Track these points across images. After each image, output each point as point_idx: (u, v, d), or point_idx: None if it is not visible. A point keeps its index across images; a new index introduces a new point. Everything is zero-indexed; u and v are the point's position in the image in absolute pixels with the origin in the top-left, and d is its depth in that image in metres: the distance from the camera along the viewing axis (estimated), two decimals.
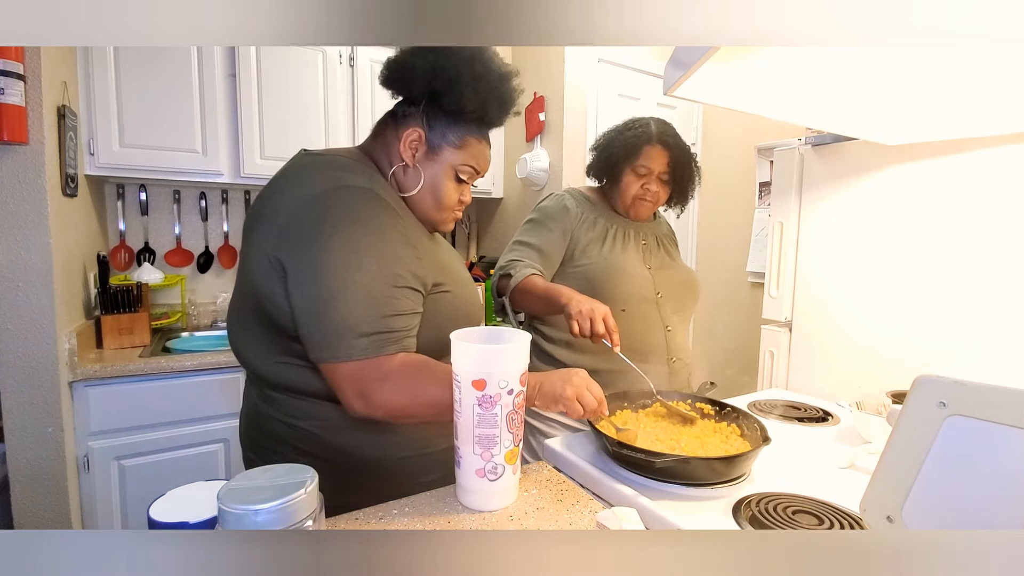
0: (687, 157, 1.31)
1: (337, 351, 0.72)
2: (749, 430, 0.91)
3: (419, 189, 0.85)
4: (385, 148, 0.86)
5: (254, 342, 0.83)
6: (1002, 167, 1.04)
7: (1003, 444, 0.41)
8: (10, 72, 1.27)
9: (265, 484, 0.47)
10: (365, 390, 0.73)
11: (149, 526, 0.52)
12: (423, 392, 0.74)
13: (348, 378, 0.73)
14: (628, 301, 1.25)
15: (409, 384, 0.74)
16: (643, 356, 1.24)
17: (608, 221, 1.32)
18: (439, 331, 0.81)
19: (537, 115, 2.28)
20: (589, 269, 1.26)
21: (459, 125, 0.85)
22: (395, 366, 0.74)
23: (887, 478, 0.48)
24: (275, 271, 0.75)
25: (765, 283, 1.46)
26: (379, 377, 0.73)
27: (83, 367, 1.52)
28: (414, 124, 0.84)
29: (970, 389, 0.43)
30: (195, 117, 1.86)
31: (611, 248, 1.29)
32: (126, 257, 2.07)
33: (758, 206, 2.41)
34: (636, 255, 1.31)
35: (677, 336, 1.29)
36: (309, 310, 0.73)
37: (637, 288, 1.26)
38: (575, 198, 1.34)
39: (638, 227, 1.35)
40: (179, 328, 2.09)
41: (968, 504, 0.43)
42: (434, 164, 0.85)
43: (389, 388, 0.73)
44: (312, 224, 0.74)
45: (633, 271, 1.27)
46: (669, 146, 1.27)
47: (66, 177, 1.52)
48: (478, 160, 0.88)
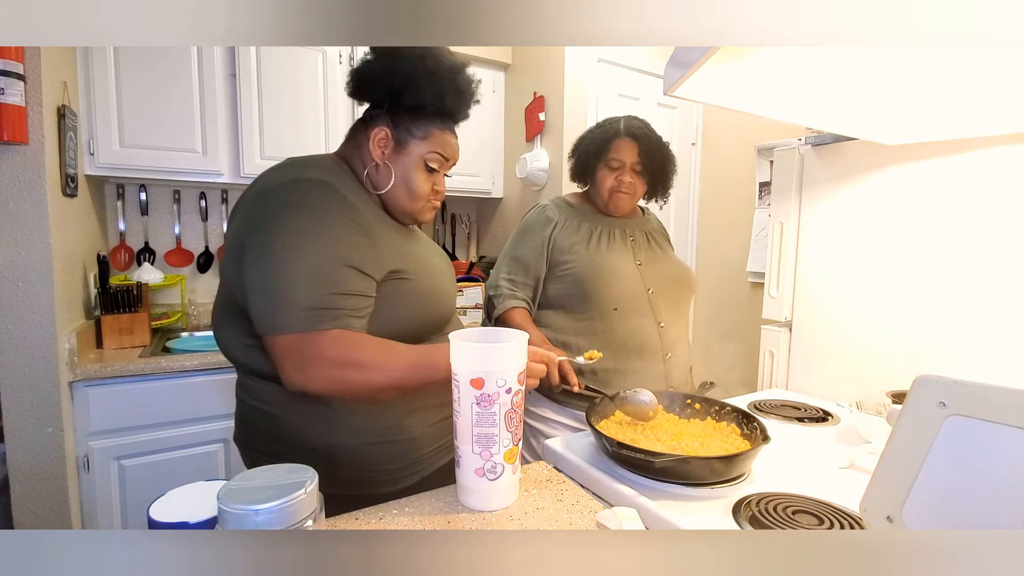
0: (658, 147, 1.32)
1: (276, 324, 0.75)
2: (749, 430, 0.91)
3: (392, 184, 0.90)
4: (357, 150, 0.92)
5: (227, 327, 0.87)
6: (1002, 167, 1.04)
7: (1003, 444, 0.41)
8: (10, 72, 1.27)
9: (265, 484, 0.47)
10: (300, 362, 0.75)
11: (149, 526, 0.52)
12: (357, 366, 0.76)
13: (285, 351, 0.75)
14: (619, 300, 1.26)
15: (343, 359, 0.75)
16: (637, 354, 1.25)
17: (593, 223, 1.34)
18: (399, 318, 0.85)
19: (537, 115, 2.28)
20: (577, 271, 1.27)
21: (421, 119, 0.90)
22: (330, 340, 0.75)
23: (887, 478, 0.48)
24: (236, 256, 0.80)
25: (765, 283, 1.46)
26: (315, 350, 0.75)
27: (83, 367, 1.52)
28: (380, 124, 0.89)
29: (970, 389, 0.43)
30: (195, 117, 1.86)
31: (597, 248, 1.30)
32: (126, 257, 2.07)
33: (758, 206, 2.41)
34: (624, 253, 1.31)
35: (671, 332, 1.30)
36: (255, 287, 0.77)
37: (626, 286, 1.27)
38: (558, 206, 1.37)
39: (624, 224, 1.36)
40: (179, 328, 2.09)
41: (968, 504, 0.43)
42: (403, 157, 0.90)
43: (324, 361, 0.75)
44: (266, 210, 0.79)
45: (621, 269, 1.28)
46: (637, 137, 1.30)
47: (66, 177, 1.52)
48: (444, 148, 0.92)
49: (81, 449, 1.55)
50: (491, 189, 2.54)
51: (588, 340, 1.24)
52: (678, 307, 1.35)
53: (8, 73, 1.27)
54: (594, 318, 1.27)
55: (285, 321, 0.75)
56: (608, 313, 1.26)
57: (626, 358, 1.24)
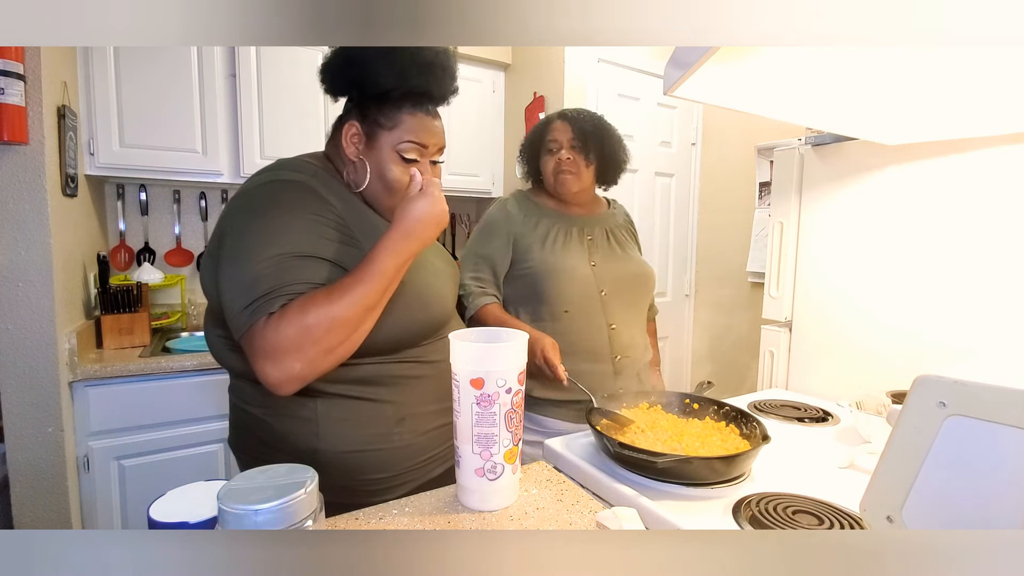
0: (593, 123, 1.31)
1: (241, 322, 0.71)
2: (748, 430, 0.91)
3: (368, 180, 0.86)
4: (337, 149, 0.89)
5: (213, 329, 0.86)
6: (1002, 167, 1.04)
7: (1003, 444, 0.41)
8: (10, 72, 1.27)
9: (265, 484, 0.47)
10: (266, 350, 0.69)
11: (149, 526, 0.52)
12: (316, 321, 0.69)
13: (258, 347, 0.70)
14: (570, 301, 1.25)
15: (303, 324, 0.69)
16: (587, 356, 1.25)
17: (551, 220, 1.32)
18: (392, 318, 0.81)
19: (537, 115, 2.28)
20: (530, 272, 1.27)
21: (387, 106, 0.84)
22: (286, 316, 0.70)
23: (887, 478, 0.48)
24: (213, 258, 0.79)
25: (765, 283, 1.46)
26: (273, 329, 0.69)
27: (83, 367, 1.52)
28: (351, 119, 0.87)
29: (970, 389, 0.43)
30: (195, 117, 1.86)
31: (552, 248, 1.28)
32: (126, 257, 2.07)
33: (758, 206, 2.42)
34: (579, 253, 1.29)
35: (623, 334, 1.28)
36: (223, 288, 0.75)
37: (578, 288, 1.26)
38: (518, 201, 1.36)
39: (584, 222, 1.34)
40: (179, 328, 2.09)
41: (968, 504, 0.43)
42: (375, 152, 0.86)
43: (292, 339, 0.69)
44: (239, 213, 0.78)
45: (574, 272, 1.26)
46: (569, 118, 1.31)
47: (66, 177, 1.52)
48: (419, 134, 0.85)
49: (81, 449, 1.55)
50: (491, 189, 2.54)
51: None
52: (633, 308, 1.33)
53: (8, 73, 1.27)
54: (546, 319, 1.26)
55: (247, 319, 0.71)
56: (560, 315, 1.25)
57: (576, 360, 1.22)
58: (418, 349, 0.88)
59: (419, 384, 0.88)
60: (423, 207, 0.79)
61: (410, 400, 0.86)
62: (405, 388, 0.86)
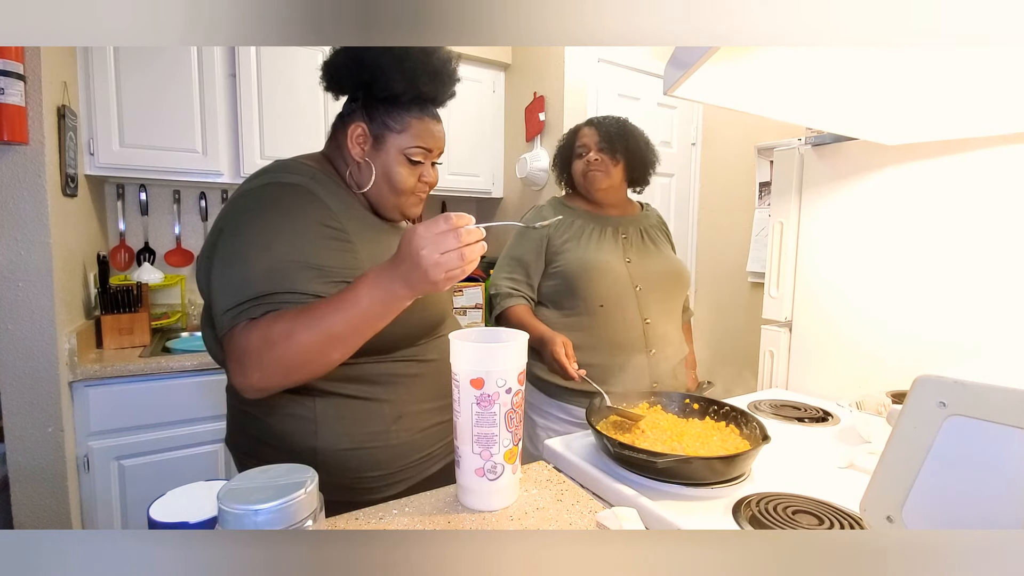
0: (619, 127, 1.37)
1: (223, 324, 0.72)
2: (748, 429, 0.91)
3: (373, 181, 0.87)
4: (339, 149, 0.89)
5: (208, 329, 0.86)
6: (1002, 167, 1.04)
7: (1003, 444, 0.41)
8: (10, 72, 1.27)
9: (265, 484, 0.47)
10: (232, 355, 0.70)
11: (149, 526, 0.52)
12: (280, 338, 0.68)
13: (225, 347, 0.71)
14: (605, 297, 1.29)
15: (266, 337, 0.69)
16: (622, 349, 1.28)
17: (585, 220, 1.38)
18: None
19: (537, 115, 2.28)
20: (566, 268, 1.31)
21: (397, 109, 0.85)
22: (257, 321, 0.70)
23: (887, 478, 0.48)
24: (207, 259, 0.79)
25: (765, 283, 1.46)
26: (244, 336, 0.69)
27: (83, 367, 1.52)
28: (357, 119, 0.86)
29: (970, 389, 0.43)
30: (195, 117, 1.86)
31: (587, 246, 1.33)
32: (126, 257, 2.07)
33: (758, 206, 2.41)
34: (614, 250, 1.34)
35: (657, 328, 1.32)
36: (213, 289, 0.75)
37: (613, 283, 1.30)
38: (553, 206, 1.43)
39: (618, 221, 1.40)
40: (179, 328, 2.09)
41: (968, 504, 0.43)
42: (382, 153, 0.86)
43: (252, 350, 0.68)
44: (234, 215, 0.78)
45: (608, 267, 1.31)
46: (595, 124, 1.39)
47: (66, 177, 1.52)
48: (425, 139, 0.87)
49: (81, 449, 1.55)
50: (491, 189, 2.53)
51: (575, 336, 1.26)
52: (668, 304, 1.37)
53: (8, 73, 1.27)
54: (581, 314, 1.30)
55: (229, 322, 0.71)
56: (595, 309, 1.29)
57: (611, 354, 1.27)
58: (415, 348, 0.88)
59: (416, 382, 0.88)
60: (427, 254, 0.65)
61: (407, 398, 0.86)
62: (402, 386, 0.86)
